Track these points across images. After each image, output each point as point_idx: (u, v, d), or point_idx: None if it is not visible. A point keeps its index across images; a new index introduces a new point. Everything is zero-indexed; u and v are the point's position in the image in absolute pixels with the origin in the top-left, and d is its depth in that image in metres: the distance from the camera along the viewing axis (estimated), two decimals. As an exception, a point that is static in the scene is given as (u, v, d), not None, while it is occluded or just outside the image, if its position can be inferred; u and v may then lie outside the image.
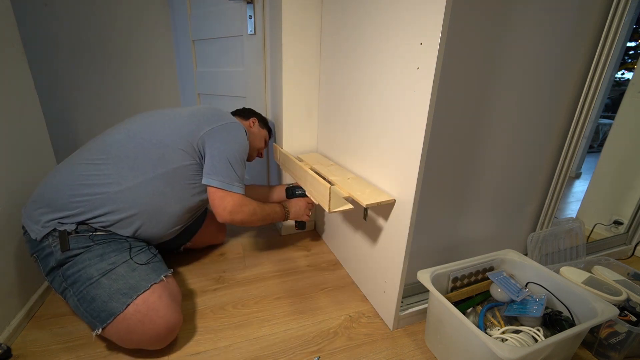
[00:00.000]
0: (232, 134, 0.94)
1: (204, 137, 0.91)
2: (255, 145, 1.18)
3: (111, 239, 0.83)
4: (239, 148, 0.95)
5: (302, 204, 1.20)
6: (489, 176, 0.95)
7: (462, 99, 0.80)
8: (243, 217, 0.95)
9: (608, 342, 0.83)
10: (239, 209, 0.93)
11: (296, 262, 1.23)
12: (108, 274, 0.76)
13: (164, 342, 0.80)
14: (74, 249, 0.78)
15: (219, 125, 0.93)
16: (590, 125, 2.11)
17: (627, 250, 1.36)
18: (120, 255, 0.81)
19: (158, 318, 0.76)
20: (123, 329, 0.74)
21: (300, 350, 0.84)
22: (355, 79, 0.96)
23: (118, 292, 0.75)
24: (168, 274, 0.86)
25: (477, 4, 0.72)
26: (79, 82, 1.67)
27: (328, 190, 0.80)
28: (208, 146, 0.91)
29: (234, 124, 0.96)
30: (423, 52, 0.66)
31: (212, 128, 0.92)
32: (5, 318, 0.83)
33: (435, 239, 0.97)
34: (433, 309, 0.83)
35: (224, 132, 0.93)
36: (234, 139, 0.95)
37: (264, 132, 1.22)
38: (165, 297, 0.79)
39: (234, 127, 0.96)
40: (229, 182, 0.91)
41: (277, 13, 1.14)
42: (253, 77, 1.41)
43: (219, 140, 0.92)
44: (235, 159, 0.93)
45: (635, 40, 2.65)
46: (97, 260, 0.78)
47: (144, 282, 0.78)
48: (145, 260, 0.84)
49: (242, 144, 0.96)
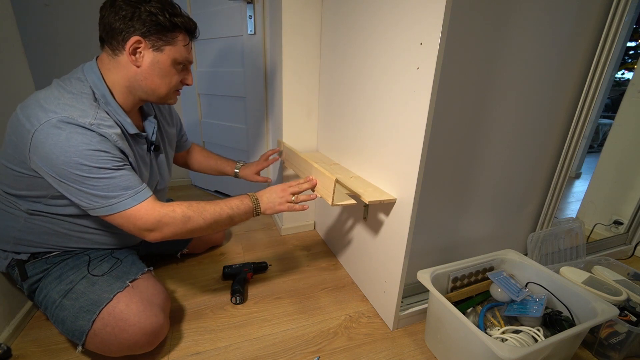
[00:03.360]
0: (48, 147, 0.61)
1: (33, 159, 0.63)
2: (155, 81, 0.72)
3: (68, 255, 0.80)
4: (74, 157, 0.61)
5: (278, 187, 0.85)
6: (489, 176, 0.95)
7: (462, 99, 0.80)
8: (167, 233, 0.71)
9: (608, 342, 0.82)
10: (154, 224, 0.69)
11: (296, 262, 1.23)
12: (68, 295, 0.74)
13: (148, 347, 0.77)
14: (32, 275, 0.77)
15: (30, 137, 0.61)
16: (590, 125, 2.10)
17: (627, 250, 1.36)
18: (77, 272, 0.77)
19: (129, 327, 0.72)
20: (99, 343, 0.73)
21: (300, 350, 0.84)
22: (355, 79, 0.96)
23: (81, 310, 0.72)
24: (137, 277, 0.80)
25: (477, 4, 0.72)
26: (79, 82, 1.67)
27: (333, 183, 0.79)
28: (44, 174, 0.65)
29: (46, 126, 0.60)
30: (423, 52, 0.66)
31: (29, 145, 0.62)
32: (5, 318, 0.83)
33: (435, 239, 0.97)
34: (433, 309, 0.83)
35: (40, 148, 0.61)
36: (57, 150, 0.61)
37: (167, 53, 0.70)
38: (134, 303, 0.74)
39: (49, 133, 0.60)
40: (104, 205, 0.66)
41: (277, 13, 1.14)
42: (253, 77, 1.40)
43: (43, 164, 0.63)
44: (79, 177, 0.63)
45: (635, 40, 2.65)
46: (56, 283, 0.75)
47: (106, 294, 0.73)
48: (106, 269, 0.79)
49: (74, 149, 0.61)
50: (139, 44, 0.68)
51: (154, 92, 0.74)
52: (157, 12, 0.66)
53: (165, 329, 0.80)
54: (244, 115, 1.53)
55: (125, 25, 0.66)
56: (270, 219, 1.58)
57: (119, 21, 0.66)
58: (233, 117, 1.58)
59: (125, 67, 0.70)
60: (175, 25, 0.69)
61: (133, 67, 0.70)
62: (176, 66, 0.74)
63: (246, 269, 1.10)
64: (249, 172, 1.14)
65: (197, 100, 1.72)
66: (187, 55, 0.74)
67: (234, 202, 0.80)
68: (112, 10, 0.66)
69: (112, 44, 0.69)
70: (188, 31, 0.73)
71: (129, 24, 0.66)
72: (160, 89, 0.74)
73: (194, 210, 0.74)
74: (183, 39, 0.72)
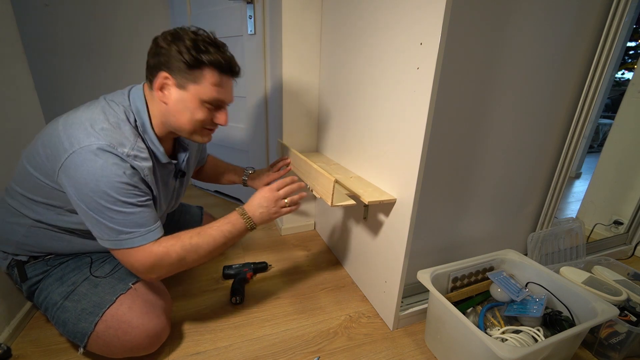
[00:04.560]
0: (81, 172, 0.61)
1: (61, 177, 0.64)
2: (180, 119, 0.71)
3: (69, 257, 0.79)
4: (103, 187, 0.62)
5: (267, 195, 0.81)
6: (489, 176, 0.95)
7: (462, 99, 0.80)
8: (162, 274, 0.72)
9: (608, 342, 0.82)
10: (149, 268, 0.69)
11: (296, 262, 1.23)
12: (70, 296, 0.73)
13: (150, 349, 0.77)
14: (32, 277, 0.76)
15: (65, 156, 0.62)
16: (590, 125, 2.11)
17: (627, 250, 1.36)
18: (80, 274, 0.76)
19: (132, 329, 0.72)
20: (102, 345, 0.72)
21: (300, 350, 0.84)
22: (355, 79, 0.96)
23: (84, 312, 0.72)
24: (140, 279, 0.79)
25: (477, 4, 0.72)
26: (79, 82, 1.67)
27: (332, 183, 0.79)
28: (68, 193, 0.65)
29: (85, 151, 0.61)
30: (423, 52, 0.66)
31: (62, 163, 0.62)
32: (5, 318, 0.83)
33: (435, 239, 0.97)
34: (433, 309, 0.83)
35: (72, 170, 0.62)
36: (88, 177, 0.61)
37: (192, 91, 0.69)
38: (137, 305, 0.75)
39: (86, 158, 0.61)
40: (114, 239, 0.66)
41: (277, 13, 1.14)
42: (253, 77, 1.40)
43: (71, 185, 0.63)
44: (101, 207, 0.63)
45: (635, 40, 2.66)
46: (58, 284, 0.75)
47: (109, 296, 0.73)
48: (108, 271, 0.78)
49: (105, 179, 0.62)
50: (167, 81, 0.68)
51: (181, 129, 0.73)
52: (184, 50, 0.65)
53: (167, 331, 0.80)
54: (244, 115, 1.53)
55: (157, 62, 0.68)
56: (270, 219, 1.58)
57: (154, 58, 0.68)
58: (233, 117, 1.58)
59: (158, 102, 0.71)
60: (200, 62, 0.67)
61: (162, 103, 0.71)
62: (204, 104, 0.71)
63: (246, 269, 1.10)
64: (259, 183, 1.10)
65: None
66: (215, 95, 0.70)
67: (226, 228, 0.76)
68: (153, 46, 0.69)
69: (149, 78, 0.71)
70: (220, 68, 0.69)
71: (159, 61, 0.67)
72: (185, 127, 0.72)
73: (188, 250, 0.72)
74: (211, 76, 0.69)
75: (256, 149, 1.55)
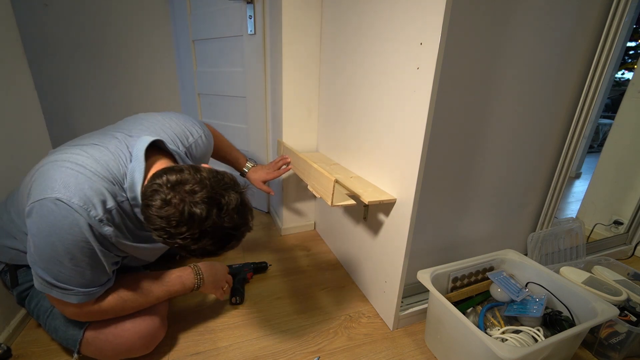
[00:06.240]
0: (41, 226, 0.56)
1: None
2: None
3: None
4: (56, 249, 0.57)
5: (220, 273, 0.89)
6: (489, 176, 0.95)
7: (462, 98, 0.80)
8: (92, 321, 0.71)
9: (608, 342, 0.82)
10: (75, 317, 0.68)
11: (296, 262, 1.23)
12: None
13: (145, 350, 0.77)
14: (23, 282, 0.75)
15: (30, 203, 0.57)
16: (590, 125, 2.10)
17: (627, 250, 1.36)
18: None
19: (124, 332, 0.72)
20: (94, 349, 0.72)
21: (300, 350, 0.84)
22: (355, 79, 0.96)
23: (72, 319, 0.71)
24: None
25: (477, 4, 0.72)
26: (79, 82, 1.67)
27: (332, 183, 0.79)
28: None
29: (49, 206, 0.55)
30: (423, 52, 0.66)
31: (28, 207, 0.57)
32: (5, 318, 0.83)
33: (435, 239, 0.97)
34: (433, 309, 0.83)
35: (35, 219, 0.56)
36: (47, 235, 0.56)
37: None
38: None
39: (49, 214, 0.55)
40: (46, 285, 0.61)
41: (277, 13, 1.14)
42: (253, 77, 1.40)
43: (30, 234, 0.58)
44: (47, 266, 0.59)
45: (635, 40, 2.65)
46: None
47: None
48: None
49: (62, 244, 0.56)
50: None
51: None
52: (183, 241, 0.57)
53: (162, 331, 0.80)
54: (244, 115, 1.53)
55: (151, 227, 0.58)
56: (270, 218, 1.58)
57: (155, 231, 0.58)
58: (233, 117, 1.58)
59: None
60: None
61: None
62: None
63: (246, 269, 1.10)
64: (257, 177, 1.11)
65: (197, 100, 1.72)
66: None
67: (174, 289, 0.78)
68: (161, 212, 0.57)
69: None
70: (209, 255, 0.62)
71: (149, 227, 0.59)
72: None
73: (126, 308, 0.71)
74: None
75: (256, 148, 1.55)
